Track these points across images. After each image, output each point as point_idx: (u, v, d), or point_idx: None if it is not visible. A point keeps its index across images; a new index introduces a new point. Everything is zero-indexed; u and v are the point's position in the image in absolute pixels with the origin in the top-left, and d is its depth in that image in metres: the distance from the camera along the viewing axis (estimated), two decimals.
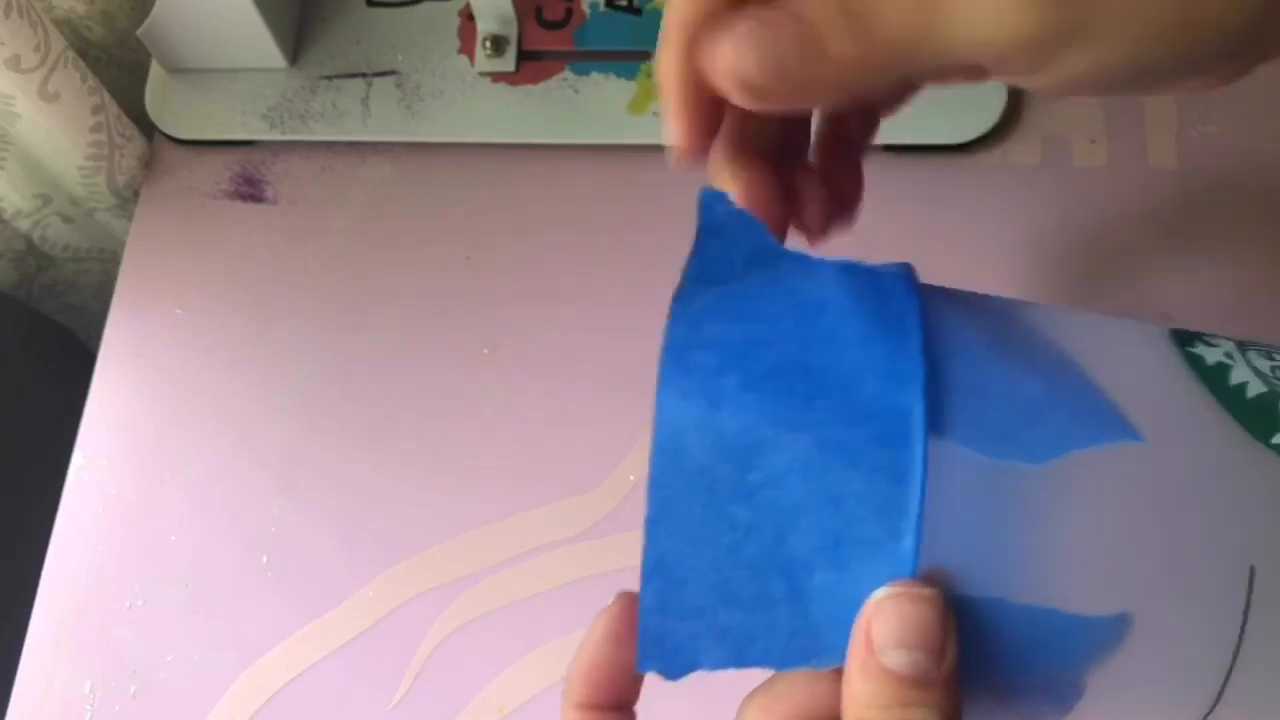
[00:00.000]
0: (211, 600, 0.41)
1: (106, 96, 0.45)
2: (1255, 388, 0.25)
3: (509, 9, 0.46)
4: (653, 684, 0.31)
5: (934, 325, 0.23)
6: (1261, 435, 0.24)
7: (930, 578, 0.23)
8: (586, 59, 0.47)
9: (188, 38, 0.46)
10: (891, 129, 0.45)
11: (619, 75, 0.47)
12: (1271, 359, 0.26)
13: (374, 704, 0.40)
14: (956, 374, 0.23)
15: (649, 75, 0.46)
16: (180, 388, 0.45)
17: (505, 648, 0.40)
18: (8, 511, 0.48)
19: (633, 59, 0.47)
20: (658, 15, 0.47)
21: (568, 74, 0.47)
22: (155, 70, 0.48)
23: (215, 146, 0.48)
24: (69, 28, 0.49)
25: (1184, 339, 0.26)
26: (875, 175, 0.45)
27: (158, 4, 0.45)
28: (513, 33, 0.47)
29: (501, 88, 0.47)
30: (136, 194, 0.48)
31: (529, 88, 0.47)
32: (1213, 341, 0.26)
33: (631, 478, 0.42)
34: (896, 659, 0.22)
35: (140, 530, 0.43)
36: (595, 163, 0.46)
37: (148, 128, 0.48)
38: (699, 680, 0.27)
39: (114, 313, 0.46)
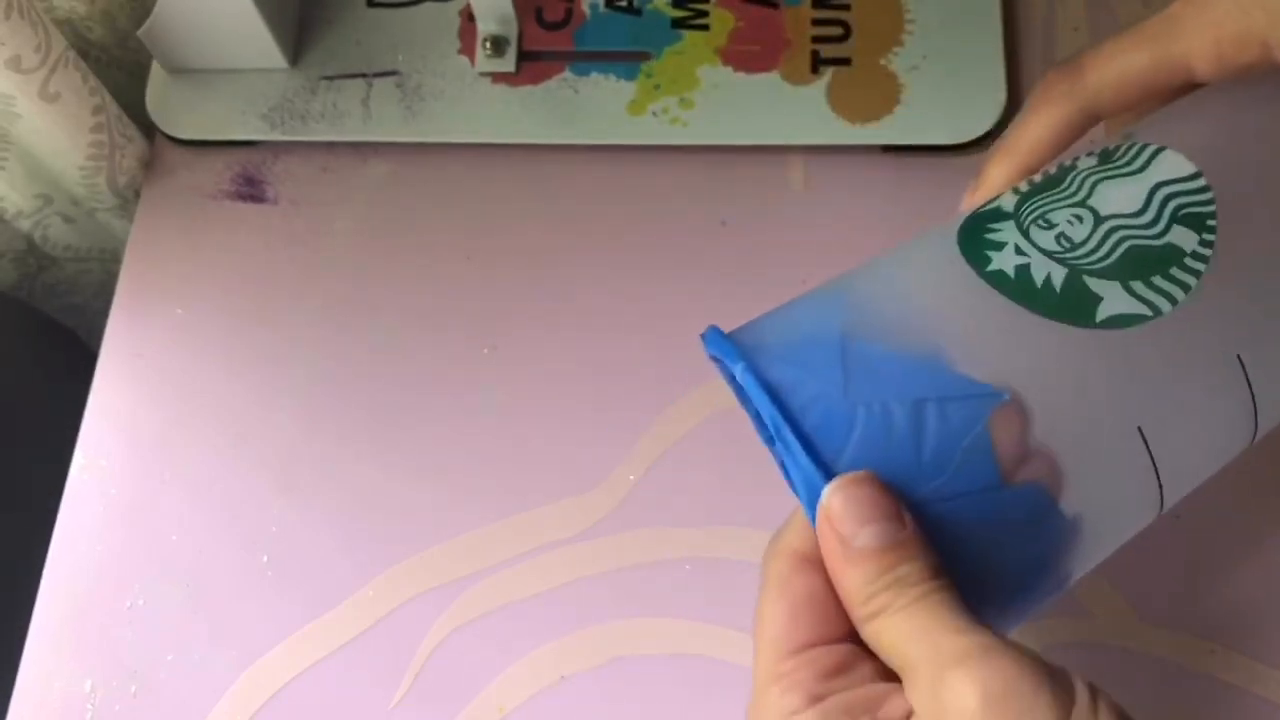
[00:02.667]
0: (211, 600, 0.41)
1: (107, 97, 0.45)
2: (1058, 275, 0.28)
3: (509, 9, 0.46)
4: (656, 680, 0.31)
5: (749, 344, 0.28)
6: (1087, 320, 0.27)
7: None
8: (586, 59, 0.47)
9: (188, 38, 0.47)
10: (891, 129, 0.45)
11: (619, 76, 0.47)
12: (1050, 225, 0.29)
13: (374, 704, 0.40)
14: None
15: (649, 75, 0.46)
16: (180, 388, 0.45)
17: (505, 648, 0.40)
18: (8, 511, 0.48)
19: (633, 59, 0.47)
20: (657, 15, 0.47)
21: (568, 74, 0.47)
22: (156, 70, 0.49)
23: (216, 146, 0.48)
24: (70, 28, 0.49)
25: (978, 258, 0.29)
26: (875, 175, 0.45)
27: (158, 4, 0.45)
28: (513, 33, 0.47)
29: (501, 88, 0.47)
30: (137, 194, 0.48)
31: (529, 88, 0.47)
32: (999, 238, 0.29)
33: (631, 478, 0.42)
34: (867, 537, 0.25)
35: (140, 530, 0.43)
36: (595, 163, 0.46)
37: (148, 128, 0.48)
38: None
39: (114, 313, 0.46)
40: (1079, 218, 0.29)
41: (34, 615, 0.42)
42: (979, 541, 0.26)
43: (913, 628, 0.25)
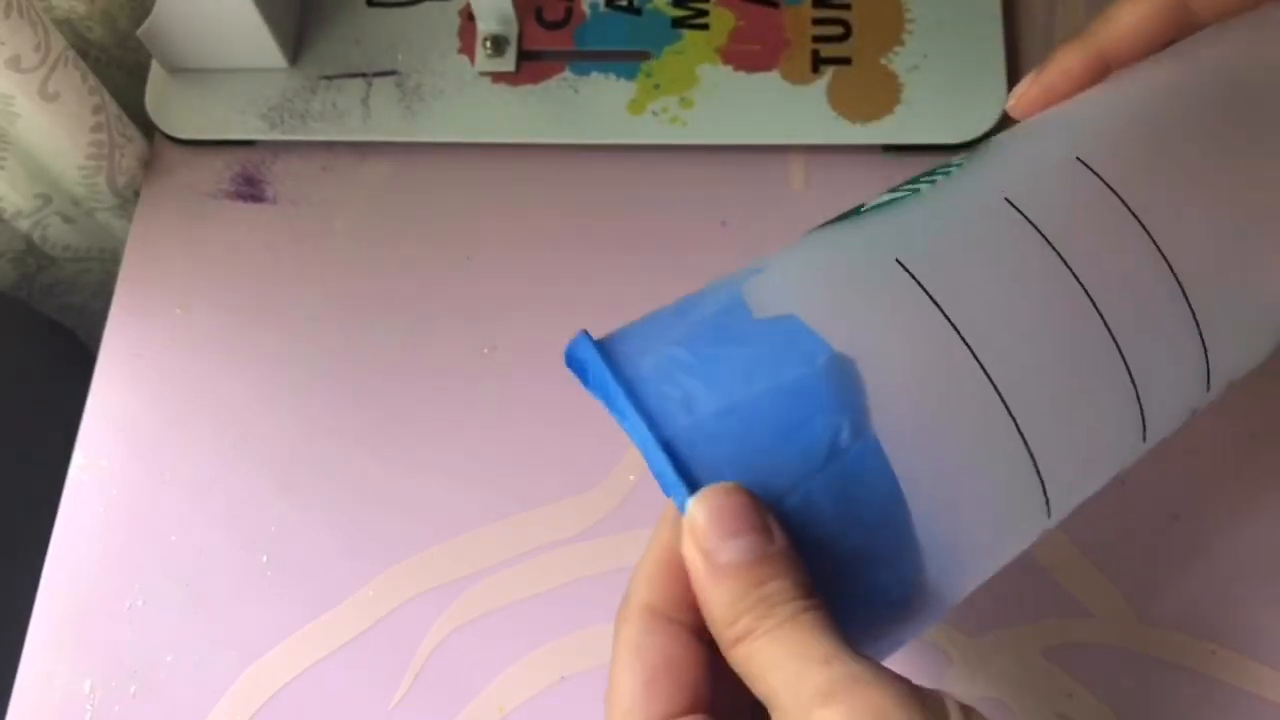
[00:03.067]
0: (211, 600, 0.41)
1: (107, 96, 0.45)
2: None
3: (509, 9, 0.46)
4: None
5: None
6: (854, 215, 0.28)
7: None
8: (586, 59, 0.47)
9: (188, 38, 0.47)
10: (892, 129, 0.45)
11: (619, 75, 0.47)
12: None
13: (374, 704, 0.40)
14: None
15: (649, 75, 0.46)
16: (180, 388, 0.45)
17: (505, 648, 0.40)
18: (8, 511, 0.48)
19: (633, 59, 0.47)
20: (657, 15, 0.47)
21: (568, 74, 0.47)
22: (155, 70, 0.48)
23: (215, 146, 0.48)
24: (69, 28, 0.49)
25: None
26: (875, 175, 0.45)
27: (158, 4, 0.45)
28: (513, 33, 0.47)
29: (501, 88, 0.47)
30: (137, 194, 0.48)
31: (529, 88, 0.47)
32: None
33: (631, 478, 0.42)
34: (732, 551, 0.23)
35: (140, 530, 0.43)
36: (595, 163, 0.46)
37: (148, 128, 0.48)
38: None
39: (114, 312, 0.46)
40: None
41: (33, 615, 0.42)
42: (832, 531, 0.25)
43: (778, 654, 0.23)
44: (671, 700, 0.25)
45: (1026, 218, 0.27)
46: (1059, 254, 0.27)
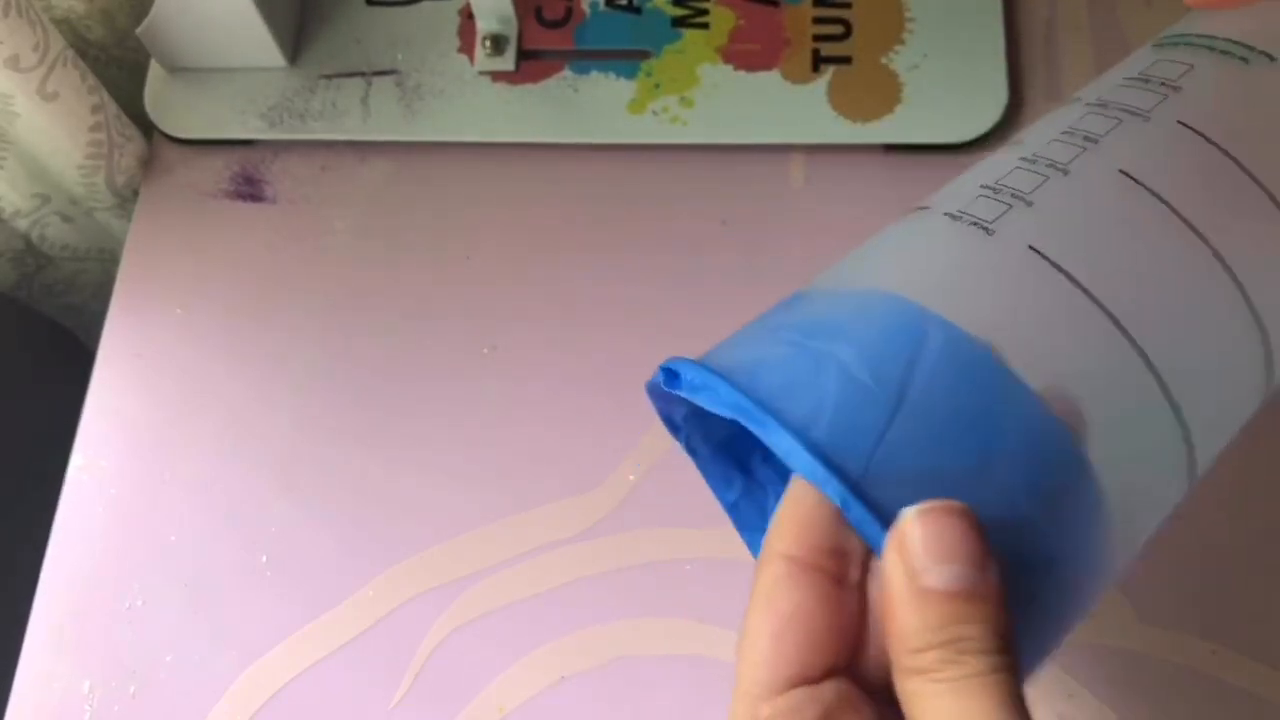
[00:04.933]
0: (211, 600, 0.41)
1: (106, 96, 0.45)
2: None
3: (509, 8, 0.46)
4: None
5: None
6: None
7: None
8: (586, 58, 0.47)
9: (187, 37, 0.46)
10: (892, 128, 0.45)
11: (619, 74, 0.46)
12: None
13: (374, 704, 0.40)
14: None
15: (649, 74, 0.46)
16: (180, 387, 0.45)
17: (505, 648, 0.40)
18: (7, 511, 0.48)
19: (632, 58, 0.47)
20: (657, 14, 0.47)
21: (567, 73, 0.47)
22: (155, 70, 0.48)
23: (215, 146, 0.48)
24: (68, 27, 0.48)
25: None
26: (875, 175, 0.45)
27: (157, 3, 0.45)
28: (512, 32, 0.47)
29: (501, 87, 0.47)
30: (136, 193, 0.48)
31: (529, 87, 0.47)
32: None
33: (631, 478, 0.42)
34: (940, 576, 0.21)
35: (140, 530, 0.43)
36: (595, 162, 0.46)
37: (147, 127, 0.48)
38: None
39: (113, 312, 0.46)
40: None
41: (32, 615, 0.42)
42: (1028, 540, 0.23)
43: (954, 710, 0.21)
44: (802, 658, 0.23)
45: (1144, 185, 0.26)
46: (1178, 214, 0.26)
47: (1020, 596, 0.22)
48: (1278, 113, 0.28)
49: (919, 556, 0.21)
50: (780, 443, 0.23)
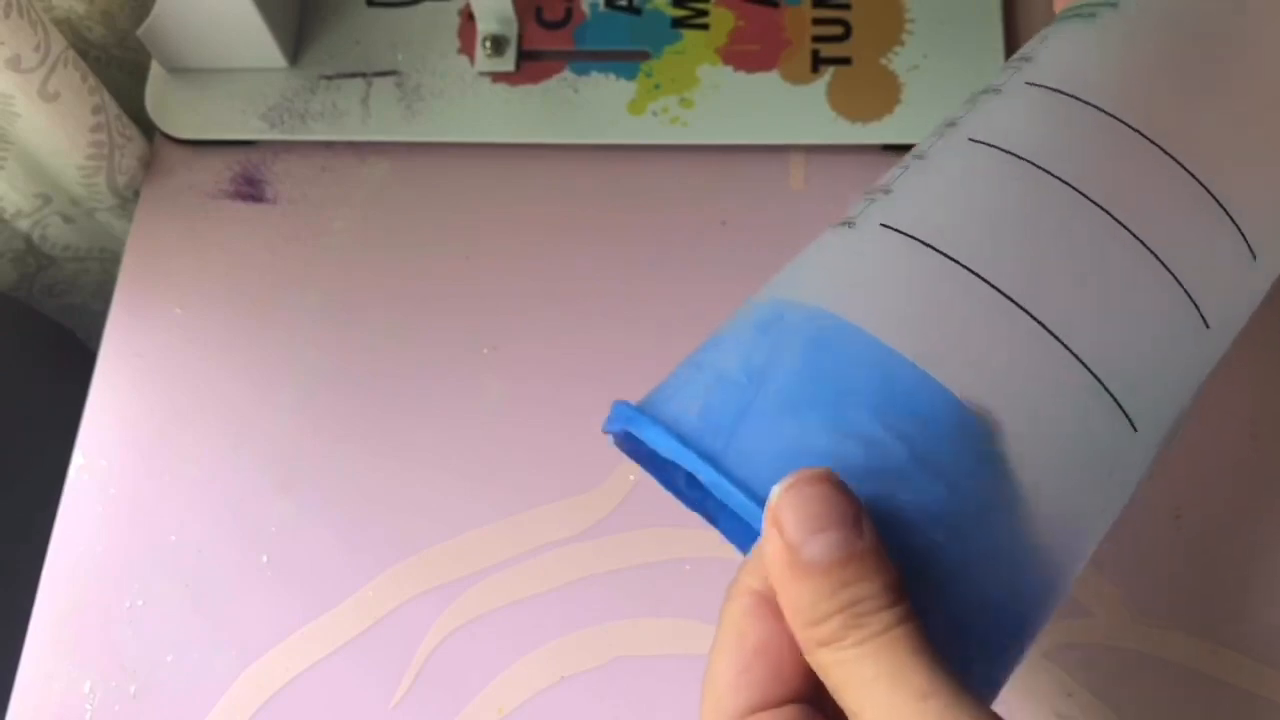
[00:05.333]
0: (211, 600, 0.41)
1: (107, 96, 0.45)
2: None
3: (509, 9, 0.46)
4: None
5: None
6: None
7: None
8: (586, 59, 0.47)
9: (188, 37, 0.46)
10: (892, 128, 0.45)
11: (619, 75, 0.47)
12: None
13: (374, 704, 0.40)
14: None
15: (649, 75, 0.46)
16: (180, 387, 0.45)
17: (505, 648, 0.40)
18: (7, 511, 0.48)
19: (632, 59, 0.47)
20: (657, 15, 0.47)
21: (567, 74, 0.47)
22: (155, 70, 0.48)
23: (215, 146, 0.48)
24: (69, 27, 0.49)
25: None
26: (874, 175, 0.45)
27: (158, 4, 0.45)
28: (513, 32, 0.47)
29: (501, 87, 0.47)
30: (137, 194, 0.48)
31: (529, 87, 0.47)
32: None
33: (631, 478, 0.42)
34: (818, 546, 0.22)
35: (140, 530, 0.43)
36: (595, 163, 0.46)
37: (148, 127, 0.48)
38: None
39: (114, 312, 0.46)
40: None
41: (33, 615, 0.42)
42: (931, 528, 0.23)
43: (868, 674, 0.22)
44: (765, 688, 0.24)
45: (988, 143, 0.27)
46: (1036, 165, 0.26)
47: (916, 548, 0.23)
48: (1122, 50, 0.29)
49: (793, 530, 0.22)
50: (655, 439, 0.25)
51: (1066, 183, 0.26)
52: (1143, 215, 0.26)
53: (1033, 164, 0.26)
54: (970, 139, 0.28)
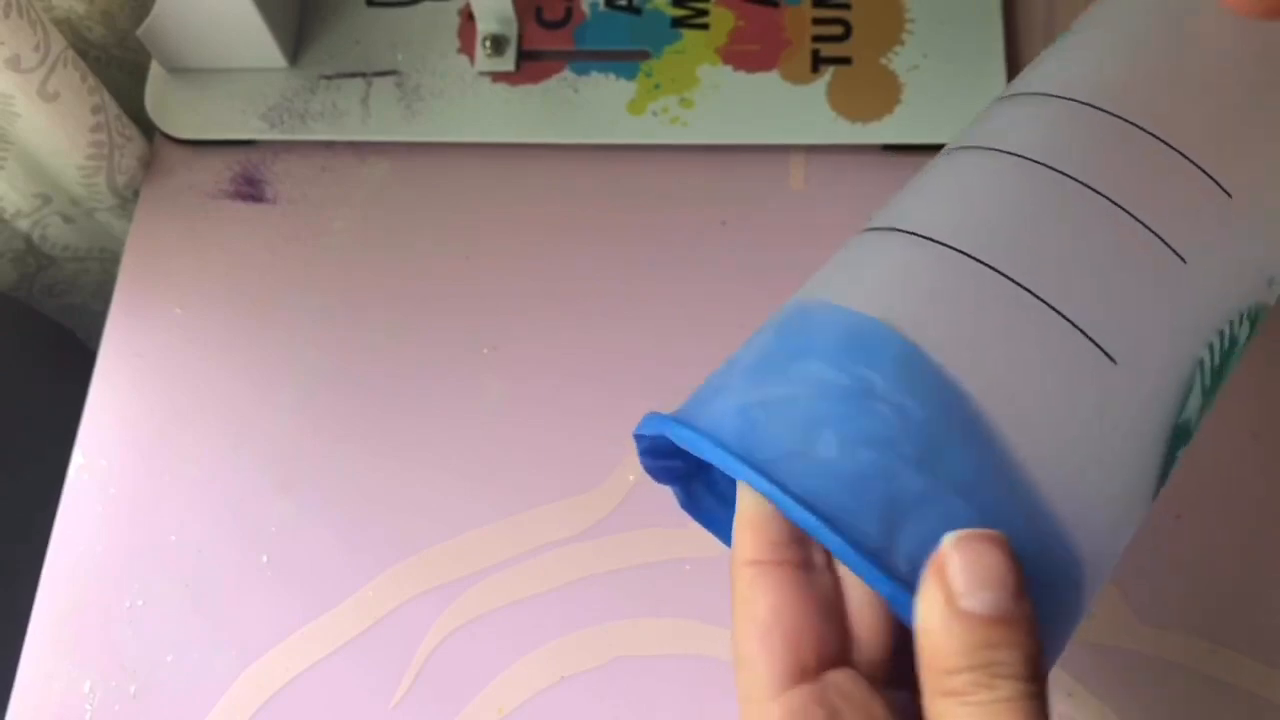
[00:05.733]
0: (211, 600, 0.41)
1: (106, 96, 0.45)
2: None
3: (509, 9, 0.46)
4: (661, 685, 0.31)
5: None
6: None
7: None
8: (586, 59, 0.47)
9: (188, 37, 0.46)
10: (892, 128, 0.45)
11: (619, 75, 0.47)
12: None
13: (374, 704, 0.40)
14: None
15: (649, 75, 0.46)
16: (180, 387, 0.45)
17: (505, 648, 0.40)
18: (7, 511, 0.48)
19: (632, 59, 0.47)
20: (657, 15, 0.47)
21: (567, 74, 0.47)
22: (155, 70, 0.48)
23: (215, 146, 0.48)
24: (69, 27, 0.49)
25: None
26: (874, 175, 0.45)
27: (158, 4, 0.45)
28: (513, 32, 0.47)
29: (501, 87, 0.47)
30: (136, 194, 0.48)
31: (529, 87, 0.47)
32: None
33: (631, 478, 0.42)
34: (979, 601, 0.22)
35: (140, 530, 0.43)
36: (595, 162, 0.46)
37: (148, 127, 0.48)
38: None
39: (114, 312, 0.46)
40: (1206, 417, 0.29)
41: (33, 615, 0.42)
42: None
43: None
44: (792, 649, 0.24)
45: (970, 146, 0.28)
46: (1028, 158, 0.27)
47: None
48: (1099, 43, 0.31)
49: (959, 581, 0.22)
50: (705, 449, 0.25)
51: (1021, 155, 0.27)
52: (1149, 207, 0.27)
53: (987, 147, 0.28)
54: (961, 147, 0.29)
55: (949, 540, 0.22)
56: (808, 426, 0.24)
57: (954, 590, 0.22)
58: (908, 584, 0.23)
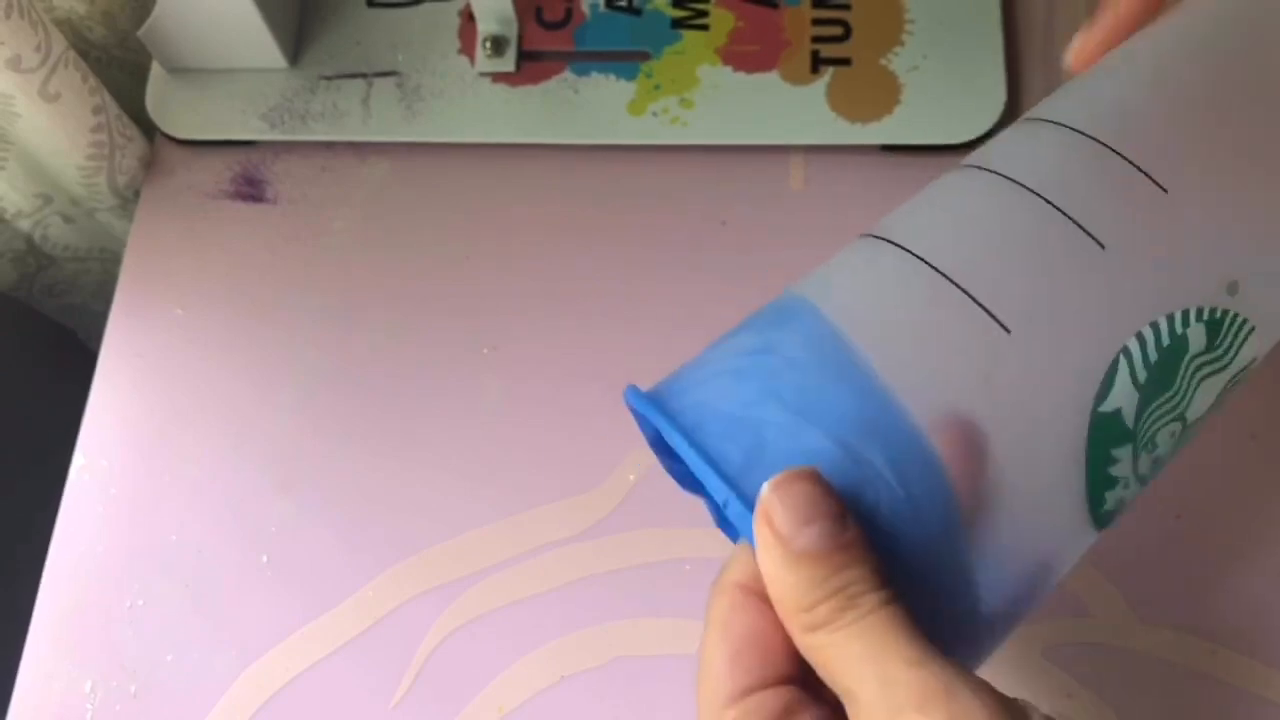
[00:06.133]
0: (211, 600, 0.41)
1: (107, 96, 0.45)
2: None
3: (509, 9, 0.46)
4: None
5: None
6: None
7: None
8: (586, 59, 0.47)
9: (188, 38, 0.47)
10: (891, 129, 0.45)
11: (619, 75, 0.47)
12: (1154, 447, 0.29)
13: (374, 704, 0.40)
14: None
15: (649, 75, 0.46)
16: (180, 387, 0.45)
17: (505, 648, 0.40)
18: (7, 512, 0.48)
19: (633, 59, 0.47)
20: (657, 16, 0.47)
21: (568, 74, 0.47)
22: (156, 70, 0.48)
23: (216, 146, 0.48)
24: (69, 28, 0.49)
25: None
26: (874, 175, 0.45)
27: (158, 4, 0.45)
28: (513, 33, 0.47)
29: (501, 88, 0.47)
30: (137, 194, 0.48)
31: (529, 88, 0.47)
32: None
33: (631, 478, 0.42)
34: (808, 537, 0.23)
35: (140, 530, 0.43)
36: (595, 163, 0.46)
37: (148, 128, 0.48)
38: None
39: (114, 313, 0.46)
40: (1173, 433, 0.28)
41: (34, 615, 0.42)
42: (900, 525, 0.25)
43: (860, 652, 0.23)
44: (756, 673, 0.25)
45: (983, 168, 0.29)
46: (1016, 182, 0.28)
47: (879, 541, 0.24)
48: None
49: (784, 523, 0.24)
50: (663, 426, 0.27)
51: (1053, 206, 0.28)
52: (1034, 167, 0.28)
53: (986, 170, 0.29)
54: (969, 166, 0.30)
55: (766, 488, 0.24)
56: (712, 375, 0.27)
57: (783, 534, 0.23)
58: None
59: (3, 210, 0.48)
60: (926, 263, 0.27)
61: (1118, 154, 0.28)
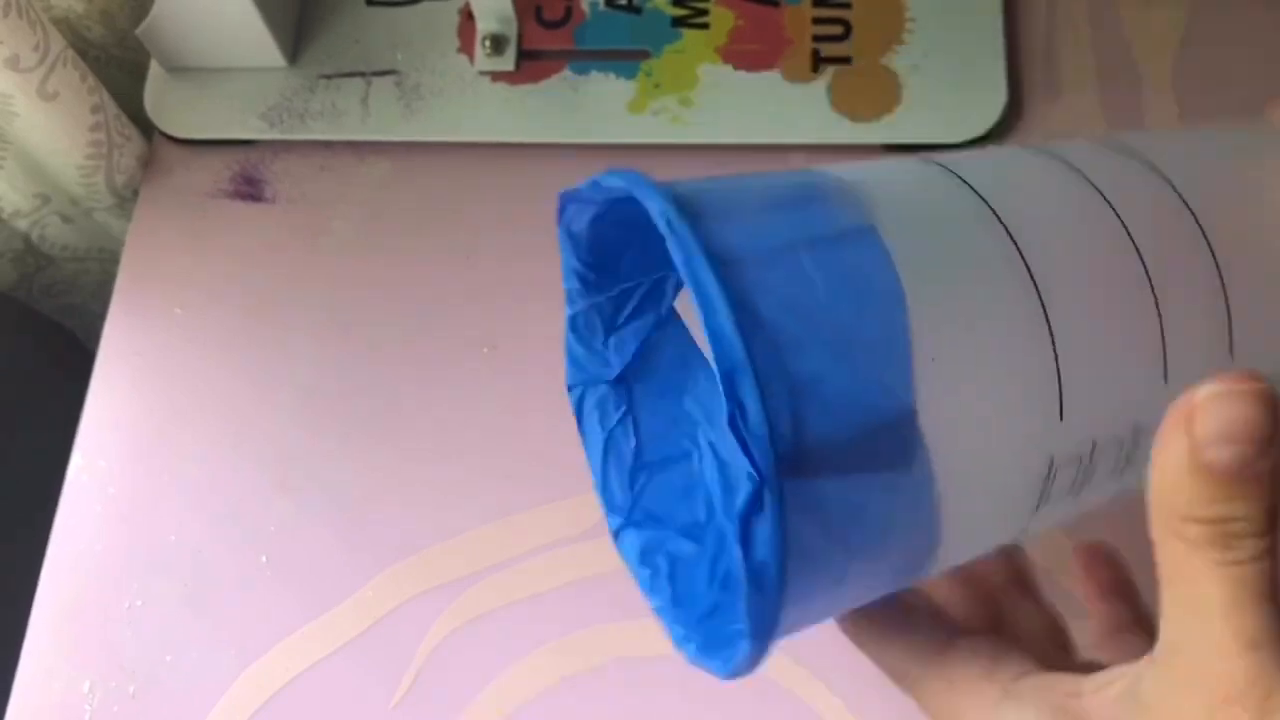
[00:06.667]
0: (211, 600, 0.41)
1: (106, 96, 0.45)
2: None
3: (509, 8, 0.46)
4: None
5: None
6: None
7: None
8: (586, 58, 0.47)
9: (187, 37, 0.46)
10: (892, 128, 0.45)
11: (619, 74, 0.46)
12: None
13: (374, 704, 0.40)
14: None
15: (648, 74, 0.46)
16: (179, 387, 0.45)
17: (505, 648, 0.40)
18: (7, 511, 0.48)
19: (632, 58, 0.47)
20: (657, 15, 0.47)
21: (567, 73, 0.47)
22: (154, 70, 0.48)
23: (215, 146, 0.48)
24: (68, 27, 0.48)
25: None
26: None
27: (157, 3, 0.45)
28: (512, 32, 0.47)
29: (501, 87, 0.47)
30: (135, 193, 0.48)
31: (529, 87, 0.47)
32: None
33: None
34: (1220, 453, 0.21)
35: (140, 530, 0.43)
36: (595, 161, 0.46)
37: (147, 127, 0.48)
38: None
39: (113, 312, 0.46)
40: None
41: (32, 615, 0.42)
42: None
43: (1208, 596, 0.22)
44: (909, 652, 0.25)
45: (1067, 162, 0.28)
46: (1099, 191, 0.27)
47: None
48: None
49: (1206, 431, 0.22)
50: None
51: (1119, 218, 0.27)
52: (1163, 269, 0.26)
53: (1099, 192, 0.27)
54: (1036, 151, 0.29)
55: (1205, 389, 0.22)
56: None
57: (1200, 437, 0.21)
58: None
59: (1, 210, 0.48)
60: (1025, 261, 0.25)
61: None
